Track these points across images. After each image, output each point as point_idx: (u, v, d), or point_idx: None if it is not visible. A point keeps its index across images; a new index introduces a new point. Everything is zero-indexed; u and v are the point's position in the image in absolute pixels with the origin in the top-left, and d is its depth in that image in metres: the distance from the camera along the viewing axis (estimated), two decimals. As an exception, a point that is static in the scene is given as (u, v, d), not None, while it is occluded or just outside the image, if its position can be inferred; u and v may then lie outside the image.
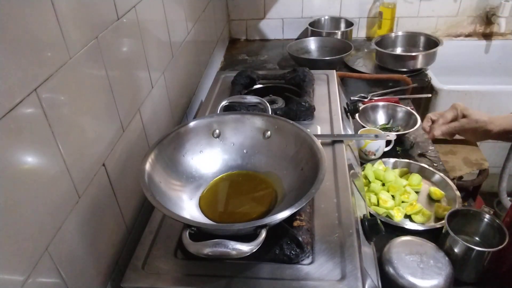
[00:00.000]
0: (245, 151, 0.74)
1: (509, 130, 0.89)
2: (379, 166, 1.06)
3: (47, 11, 0.50)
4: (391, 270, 0.73)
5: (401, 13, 1.82)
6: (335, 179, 0.73)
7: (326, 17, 1.87)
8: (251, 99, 0.83)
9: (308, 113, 0.91)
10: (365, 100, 1.38)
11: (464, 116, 0.95)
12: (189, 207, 0.65)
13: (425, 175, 1.05)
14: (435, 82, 1.49)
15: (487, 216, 0.81)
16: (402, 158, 1.11)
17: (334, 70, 1.15)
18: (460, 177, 1.45)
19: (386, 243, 0.78)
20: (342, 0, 1.84)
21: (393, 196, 0.97)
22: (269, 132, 0.73)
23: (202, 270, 0.58)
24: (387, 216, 0.92)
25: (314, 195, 0.55)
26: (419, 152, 1.16)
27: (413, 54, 1.54)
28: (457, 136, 1.56)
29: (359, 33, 1.92)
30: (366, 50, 1.76)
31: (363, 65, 1.63)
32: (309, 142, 0.65)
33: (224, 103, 0.83)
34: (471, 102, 1.47)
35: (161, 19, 0.92)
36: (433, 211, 0.93)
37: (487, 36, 1.85)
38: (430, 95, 1.47)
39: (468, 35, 1.87)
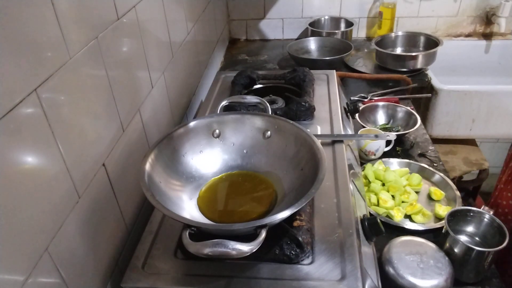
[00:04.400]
0: (245, 151, 0.74)
1: None
2: (379, 166, 1.06)
3: (47, 11, 0.50)
4: (391, 270, 0.73)
5: (401, 13, 1.82)
6: (335, 179, 0.73)
7: (326, 17, 1.87)
8: (251, 99, 0.83)
9: (308, 113, 0.91)
10: (365, 100, 1.38)
11: None
12: (189, 207, 0.65)
13: (425, 175, 1.05)
14: (435, 82, 1.49)
15: (487, 216, 0.81)
16: (402, 158, 1.11)
17: (334, 70, 1.15)
18: (460, 177, 1.45)
19: (386, 243, 0.78)
20: (342, 0, 1.84)
21: (393, 196, 0.97)
22: (269, 132, 0.73)
23: (202, 270, 0.58)
24: (387, 216, 0.92)
25: (314, 195, 0.55)
26: (419, 152, 1.16)
27: (413, 54, 1.54)
28: (457, 136, 1.56)
29: (359, 33, 1.92)
30: (366, 50, 1.76)
31: (363, 65, 1.63)
32: (309, 142, 0.65)
33: (224, 103, 0.83)
34: (471, 102, 1.47)
35: (161, 19, 0.92)
36: (433, 211, 0.93)
37: (487, 36, 1.84)
38: (430, 95, 1.47)
39: (468, 35, 1.86)
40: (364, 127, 1.18)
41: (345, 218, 0.64)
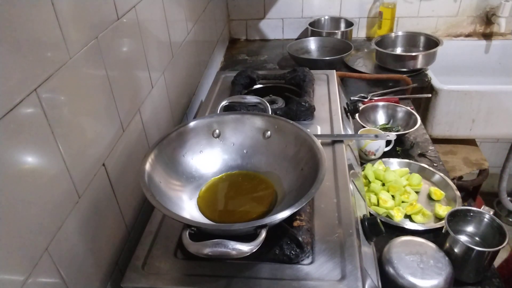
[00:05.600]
0: (245, 151, 0.74)
1: None
2: (379, 166, 1.06)
3: (47, 11, 0.50)
4: (391, 270, 0.73)
5: (401, 13, 1.82)
6: (335, 179, 0.73)
7: (326, 17, 1.87)
8: (251, 99, 0.83)
9: (308, 113, 0.91)
10: (365, 100, 1.38)
11: None
12: (189, 207, 0.65)
13: (425, 175, 1.05)
14: (435, 82, 1.48)
15: (487, 216, 0.81)
16: (402, 158, 1.11)
17: (334, 70, 1.15)
18: (460, 177, 1.45)
19: (386, 243, 0.78)
20: (342, 0, 1.84)
21: (393, 196, 0.97)
22: (269, 132, 0.73)
23: (202, 270, 0.58)
24: (387, 216, 0.92)
25: (314, 195, 0.55)
26: (419, 152, 1.16)
27: (413, 54, 1.54)
28: (457, 136, 1.56)
29: (359, 33, 1.92)
30: (366, 50, 1.76)
31: (363, 65, 1.63)
32: (309, 142, 0.65)
33: (224, 103, 0.83)
34: (471, 102, 1.47)
35: (161, 19, 0.92)
36: (433, 211, 0.93)
37: (487, 36, 1.84)
38: (430, 95, 1.46)
39: (468, 35, 1.86)
40: (364, 127, 1.18)
41: (345, 218, 0.64)
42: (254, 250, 0.49)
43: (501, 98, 1.46)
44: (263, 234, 0.50)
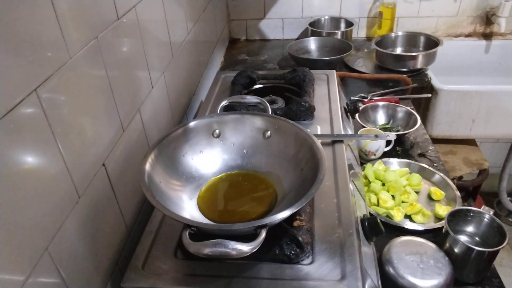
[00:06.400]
0: (245, 151, 0.74)
1: None
2: (379, 166, 1.06)
3: (47, 11, 0.50)
4: (391, 270, 0.73)
5: (401, 13, 1.82)
6: (335, 179, 0.73)
7: (326, 17, 1.87)
8: (251, 99, 0.83)
9: (308, 113, 0.91)
10: (365, 100, 1.38)
11: None
12: (189, 207, 0.65)
13: (425, 175, 1.05)
14: (435, 82, 1.48)
15: (487, 216, 0.81)
16: (402, 158, 1.11)
17: (334, 70, 1.15)
18: (460, 177, 1.45)
19: (386, 243, 0.78)
20: (342, 0, 1.84)
21: (393, 196, 0.97)
22: (269, 132, 0.73)
23: (202, 270, 0.58)
24: (387, 216, 0.92)
25: (314, 195, 0.55)
26: (419, 152, 1.16)
27: (413, 54, 1.54)
28: (457, 136, 1.56)
29: (359, 33, 1.92)
30: (366, 50, 1.76)
31: (363, 65, 1.63)
32: (309, 142, 0.65)
33: (224, 103, 0.83)
34: (471, 102, 1.47)
35: (161, 19, 0.92)
36: (433, 211, 0.93)
37: (487, 36, 1.84)
38: (430, 95, 1.46)
39: (468, 35, 1.86)
40: (364, 127, 1.18)
41: (345, 218, 0.64)
42: (254, 250, 0.49)
43: (501, 98, 1.46)
44: (263, 234, 0.50)
